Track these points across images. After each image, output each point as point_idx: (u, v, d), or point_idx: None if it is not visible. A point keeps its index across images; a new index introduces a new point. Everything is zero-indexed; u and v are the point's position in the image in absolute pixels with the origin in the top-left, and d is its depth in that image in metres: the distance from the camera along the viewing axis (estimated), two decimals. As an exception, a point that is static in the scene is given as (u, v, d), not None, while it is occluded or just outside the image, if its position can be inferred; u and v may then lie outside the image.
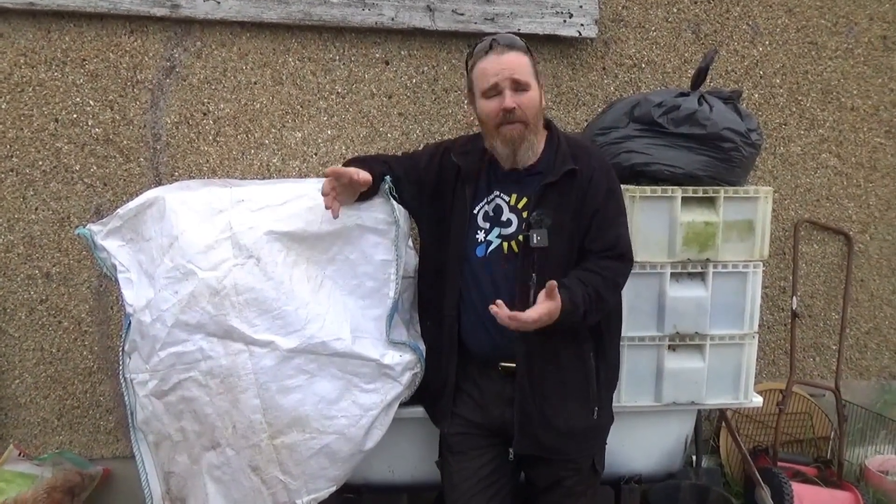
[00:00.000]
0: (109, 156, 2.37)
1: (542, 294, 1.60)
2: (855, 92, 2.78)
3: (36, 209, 2.36)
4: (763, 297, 2.22)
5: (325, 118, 2.46)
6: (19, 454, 2.31)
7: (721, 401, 2.17)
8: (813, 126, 2.77)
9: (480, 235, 1.79)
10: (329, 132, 2.46)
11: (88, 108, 2.34)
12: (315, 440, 1.78)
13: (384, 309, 1.86)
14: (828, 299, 2.88)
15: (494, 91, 1.72)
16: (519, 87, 1.71)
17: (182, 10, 2.28)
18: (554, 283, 1.59)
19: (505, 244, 1.77)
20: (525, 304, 1.71)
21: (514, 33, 2.38)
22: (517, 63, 1.72)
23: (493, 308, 1.58)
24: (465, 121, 2.52)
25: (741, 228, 2.09)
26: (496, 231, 1.78)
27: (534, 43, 2.47)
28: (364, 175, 1.72)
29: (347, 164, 1.86)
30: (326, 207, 1.69)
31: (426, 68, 2.49)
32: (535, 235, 1.71)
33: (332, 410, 1.79)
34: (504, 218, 1.78)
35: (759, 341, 2.17)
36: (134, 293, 1.81)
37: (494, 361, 1.80)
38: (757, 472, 2.53)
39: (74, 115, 2.34)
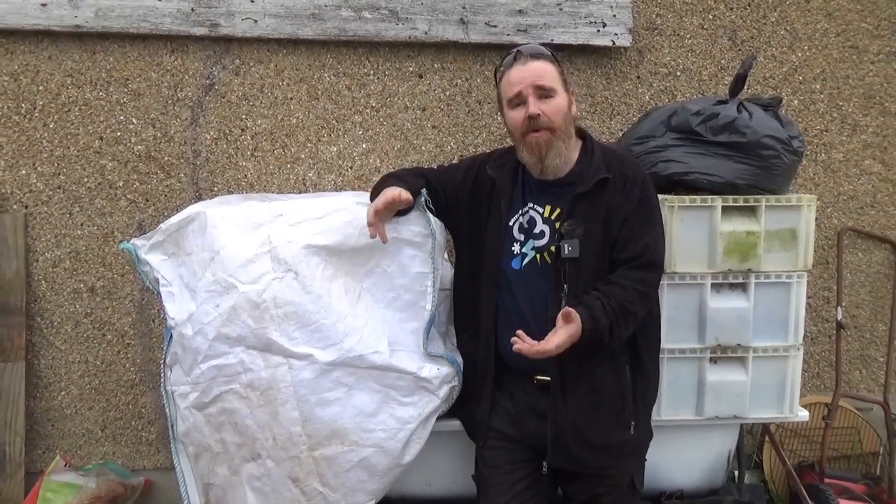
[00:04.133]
0: (151, 172, 2.43)
1: (559, 318, 1.59)
2: (899, 96, 2.71)
3: (81, 225, 2.42)
4: (806, 307, 2.17)
5: (360, 132, 2.49)
6: (65, 464, 2.36)
7: (765, 415, 2.12)
8: (855, 132, 2.71)
9: (516, 248, 1.79)
10: (364, 146, 2.49)
11: (131, 126, 2.41)
12: (353, 453, 1.79)
13: (421, 321, 1.86)
14: (874, 309, 2.79)
15: (519, 99, 1.72)
16: (543, 93, 1.70)
17: (221, 28, 2.34)
18: (568, 308, 1.59)
19: (538, 256, 1.76)
20: (557, 316, 1.70)
21: (548, 44, 2.39)
22: (541, 70, 1.72)
23: (515, 344, 1.59)
24: (499, 132, 2.52)
25: (784, 238, 2.04)
26: (531, 243, 1.77)
27: (567, 53, 2.49)
28: (406, 195, 1.76)
29: (385, 179, 1.87)
30: (372, 237, 1.74)
31: (460, 81, 2.50)
32: (566, 246, 1.69)
33: (371, 423, 1.79)
34: (537, 230, 1.77)
35: (803, 353, 2.11)
36: (176, 306, 1.84)
37: (531, 374, 1.79)
38: (803, 489, 2.45)
39: (118, 133, 2.40)
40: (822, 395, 2.76)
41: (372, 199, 1.86)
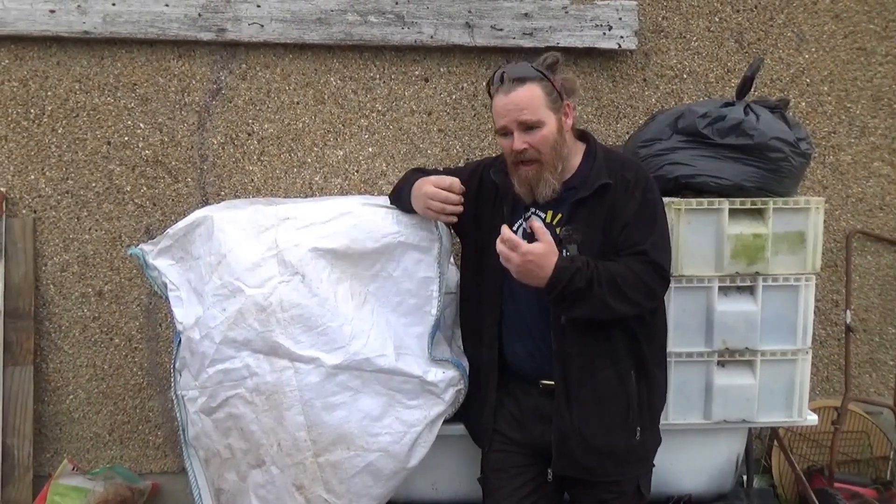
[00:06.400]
0: (159, 177, 2.44)
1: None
2: (908, 98, 2.69)
3: (89, 229, 2.44)
4: (815, 310, 2.15)
5: (366, 136, 2.49)
6: (73, 468, 2.37)
7: (774, 419, 2.10)
8: (864, 134, 2.69)
9: (518, 253, 1.78)
10: (370, 150, 2.49)
11: (139, 131, 2.42)
12: (359, 458, 1.78)
13: (426, 326, 1.86)
14: (883, 313, 2.77)
15: (505, 131, 1.72)
16: (527, 126, 1.69)
17: (228, 33, 2.35)
18: (539, 224, 1.61)
19: None
20: (559, 321, 1.70)
21: (553, 48, 2.41)
22: (525, 100, 1.68)
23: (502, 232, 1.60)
24: (505, 136, 2.52)
25: (792, 240, 2.03)
26: None
27: (573, 56, 2.49)
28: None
29: (401, 184, 1.89)
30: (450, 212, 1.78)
31: (465, 84, 2.50)
32: (564, 252, 1.68)
33: (376, 427, 1.79)
34: None
35: (811, 357, 2.10)
36: (184, 311, 1.85)
37: (535, 379, 1.78)
38: (812, 494, 2.43)
39: (126, 138, 2.42)
40: (831, 398, 2.74)
41: (394, 200, 1.90)
